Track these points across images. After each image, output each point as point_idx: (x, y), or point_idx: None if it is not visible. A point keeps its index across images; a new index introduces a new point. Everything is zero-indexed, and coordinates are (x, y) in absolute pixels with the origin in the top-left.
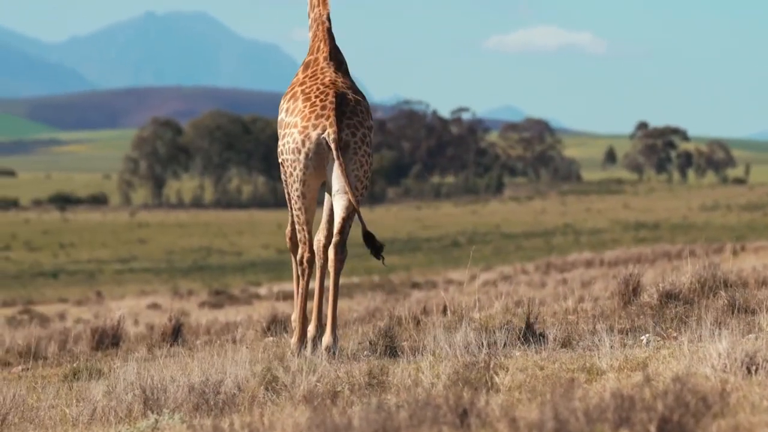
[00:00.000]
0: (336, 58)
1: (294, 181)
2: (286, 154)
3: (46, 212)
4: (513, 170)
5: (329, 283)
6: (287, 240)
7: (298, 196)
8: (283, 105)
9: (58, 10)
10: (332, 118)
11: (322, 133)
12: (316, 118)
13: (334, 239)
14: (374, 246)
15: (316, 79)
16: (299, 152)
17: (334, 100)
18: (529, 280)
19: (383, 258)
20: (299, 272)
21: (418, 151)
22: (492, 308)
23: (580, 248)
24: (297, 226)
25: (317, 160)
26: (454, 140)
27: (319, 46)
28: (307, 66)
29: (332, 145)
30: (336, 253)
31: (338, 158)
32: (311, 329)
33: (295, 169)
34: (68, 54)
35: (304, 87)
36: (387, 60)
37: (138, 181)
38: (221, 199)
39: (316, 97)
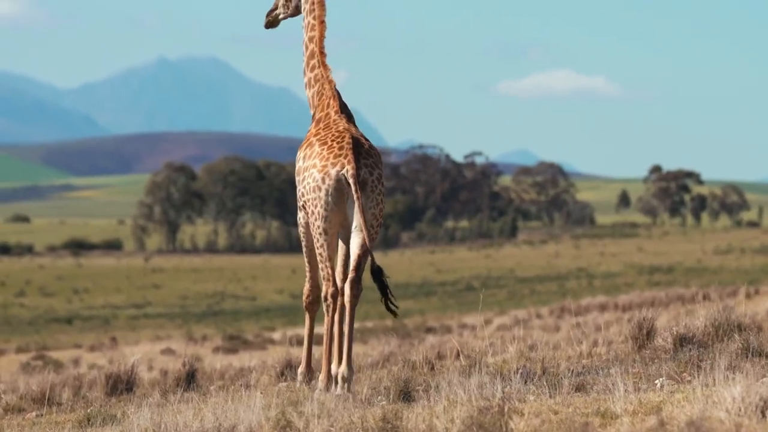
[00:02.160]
0: (346, 112)
1: (316, 219)
2: (308, 194)
3: (60, 258)
4: (526, 214)
5: (340, 322)
6: (305, 299)
7: (320, 233)
8: (300, 154)
9: (71, 56)
10: (350, 156)
11: (341, 170)
12: (335, 157)
13: (351, 275)
14: (381, 282)
15: (330, 128)
16: (319, 189)
17: (350, 141)
18: (543, 324)
19: (394, 307)
20: (324, 308)
21: (432, 195)
22: (506, 353)
23: (594, 292)
24: (320, 264)
25: (337, 196)
26: (467, 184)
27: (328, 103)
28: (318, 121)
29: (351, 181)
30: (351, 288)
31: (356, 193)
32: (336, 368)
33: (316, 206)
34: (82, 99)
35: (318, 136)
36: (400, 105)
37: (152, 227)
38: (235, 244)
39: (332, 140)
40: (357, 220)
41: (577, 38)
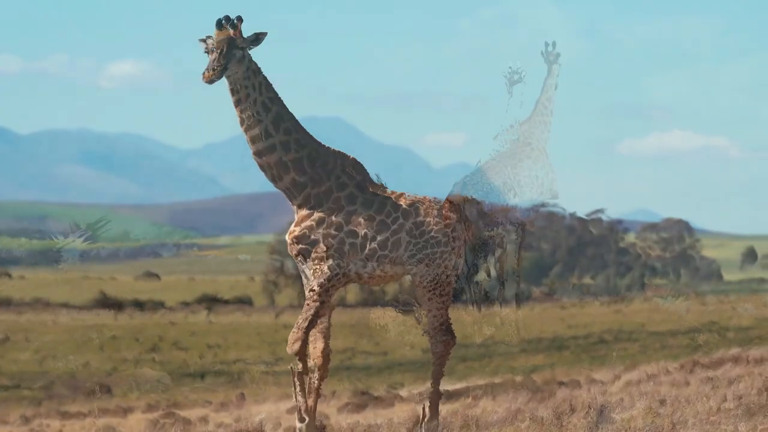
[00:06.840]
0: None
1: (451, 273)
2: (438, 247)
3: (192, 313)
4: (653, 270)
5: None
6: (296, 345)
7: (448, 283)
8: (398, 214)
9: (194, 116)
10: (468, 223)
11: (465, 235)
12: (457, 222)
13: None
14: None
15: (407, 197)
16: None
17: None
18: (672, 379)
19: None
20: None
21: (557, 251)
22: (634, 408)
23: (726, 345)
24: (442, 318)
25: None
26: (594, 240)
27: (344, 182)
28: (362, 187)
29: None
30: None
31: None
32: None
33: (451, 260)
34: (205, 159)
35: (412, 200)
36: None
37: (284, 282)
38: (367, 298)
39: (440, 206)
40: None
41: (699, 100)
